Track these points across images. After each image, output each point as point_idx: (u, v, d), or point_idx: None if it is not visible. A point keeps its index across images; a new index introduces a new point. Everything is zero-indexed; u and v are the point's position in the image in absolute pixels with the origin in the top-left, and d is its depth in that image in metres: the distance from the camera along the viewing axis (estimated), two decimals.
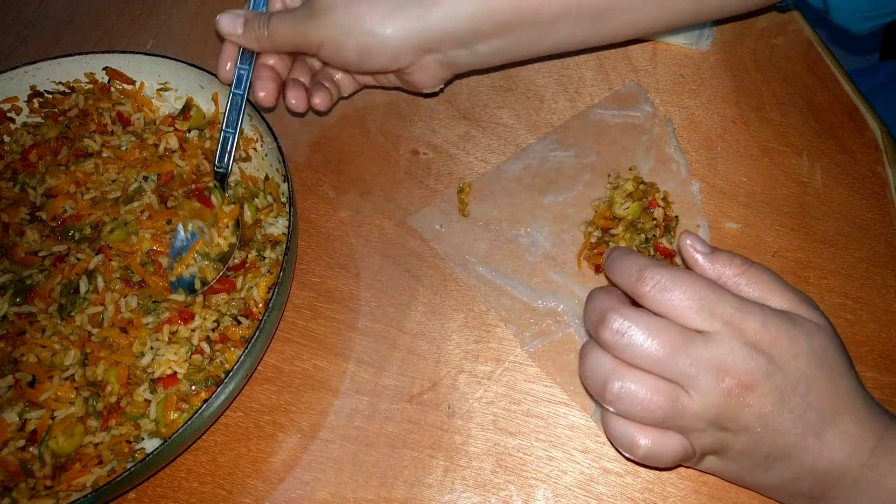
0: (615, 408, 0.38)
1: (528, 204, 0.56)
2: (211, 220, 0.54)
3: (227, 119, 0.54)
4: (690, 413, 0.37)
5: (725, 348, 0.36)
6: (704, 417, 0.37)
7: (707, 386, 0.36)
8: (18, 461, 0.46)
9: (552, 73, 0.64)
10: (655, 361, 0.37)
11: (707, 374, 0.36)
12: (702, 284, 0.37)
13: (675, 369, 0.37)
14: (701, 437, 0.38)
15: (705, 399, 0.37)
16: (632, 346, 0.37)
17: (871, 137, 0.56)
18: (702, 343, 0.36)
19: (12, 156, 0.59)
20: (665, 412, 0.37)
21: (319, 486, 0.47)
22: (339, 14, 0.50)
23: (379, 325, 0.53)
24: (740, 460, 0.39)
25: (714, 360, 0.36)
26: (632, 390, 0.37)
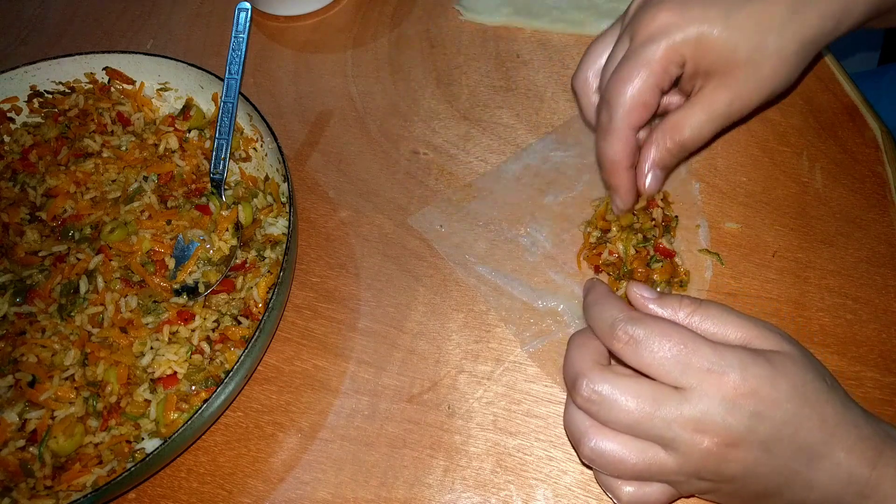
0: (592, 465, 0.39)
1: (528, 204, 0.56)
2: (210, 226, 0.54)
3: (219, 126, 0.55)
4: (668, 470, 0.37)
5: (703, 406, 0.35)
6: (684, 472, 0.37)
7: (685, 447, 0.36)
8: (18, 461, 0.46)
9: (552, 73, 0.64)
10: (628, 425, 0.36)
11: (684, 434, 0.35)
12: (676, 337, 0.36)
13: (650, 432, 0.36)
14: (684, 486, 0.38)
15: (685, 459, 0.36)
16: (604, 411, 0.37)
17: (871, 137, 0.56)
18: (677, 402, 0.35)
19: (12, 156, 0.59)
20: (640, 470, 0.37)
21: (319, 486, 0.47)
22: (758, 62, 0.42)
23: (379, 325, 0.53)
24: (729, 499, 0.39)
25: (691, 419, 0.35)
26: (605, 451, 0.37)
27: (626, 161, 0.45)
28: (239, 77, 0.55)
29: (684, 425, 0.35)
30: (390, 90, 0.65)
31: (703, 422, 0.35)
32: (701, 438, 0.35)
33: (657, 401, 0.36)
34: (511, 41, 0.67)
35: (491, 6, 0.68)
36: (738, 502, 0.40)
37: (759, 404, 0.36)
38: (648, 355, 0.36)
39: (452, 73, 0.66)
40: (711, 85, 0.43)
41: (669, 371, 0.36)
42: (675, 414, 0.35)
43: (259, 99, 0.66)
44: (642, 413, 0.36)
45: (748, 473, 0.37)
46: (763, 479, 0.37)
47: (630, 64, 0.42)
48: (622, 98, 0.42)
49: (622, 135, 0.43)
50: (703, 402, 0.35)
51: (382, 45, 0.69)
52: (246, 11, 0.57)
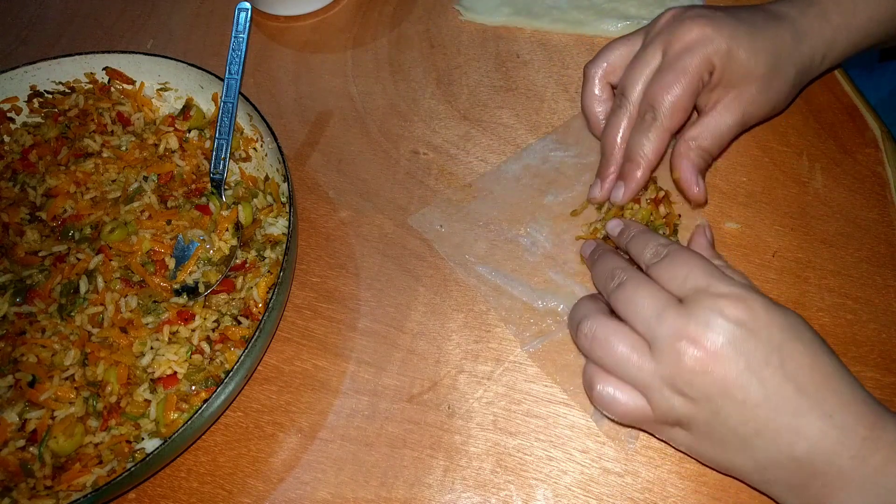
0: (582, 349, 0.43)
1: (528, 204, 0.56)
2: (210, 226, 0.54)
3: (219, 126, 0.55)
4: (647, 369, 0.39)
5: (693, 312, 0.38)
6: (660, 376, 0.38)
7: (666, 347, 0.38)
8: (18, 461, 0.46)
9: (552, 73, 0.64)
10: (631, 313, 0.40)
11: (668, 334, 0.38)
12: (681, 259, 0.41)
13: (641, 327, 0.39)
14: (661, 400, 0.39)
15: (664, 360, 0.38)
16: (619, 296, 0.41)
17: (871, 137, 0.56)
18: (672, 307, 0.39)
19: (12, 156, 0.59)
20: (621, 360, 0.40)
21: (319, 486, 0.47)
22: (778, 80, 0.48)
23: (379, 325, 0.53)
24: (709, 436, 0.38)
25: (678, 322, 0.38)
26: (597, 332, 0.41)
27: (655, 159, 0.49)
28: (239, 77, 0.55)
29: (671, 326, 0.38)
30: (390, 90, 0.65)
31: (687, 327, 0.37)
32: (683, 342, 0.37)
33: (660, 301, 0.39)
34: (511, 41, 0.67)
35: (491, 6, 0.68)
36: (717, 448, 0.39)
37: (750, 319, 0.37)
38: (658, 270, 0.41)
39: (452, 73, 0.66)
40: (730, 96, 0.49)
41: (672, 279, 0.40)
42: (668, 315, 0.38)
43: (259, 99, 0.66)
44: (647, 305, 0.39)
45: (727, 396, 0.36)
46: (742, 409, 0.36)
47: (671, 72, 0.47)
48: (666, 103, 0.47)
49: (663, 135, 0.48)
50: (694, 309, 0.38)
51: (382, 45, 0.69)
52: (246, 11, 0.57)
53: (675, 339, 0.37)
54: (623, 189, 0.51)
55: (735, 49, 0.47)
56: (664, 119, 0.47)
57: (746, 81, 0.48)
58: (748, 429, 0.36)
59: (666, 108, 0.47)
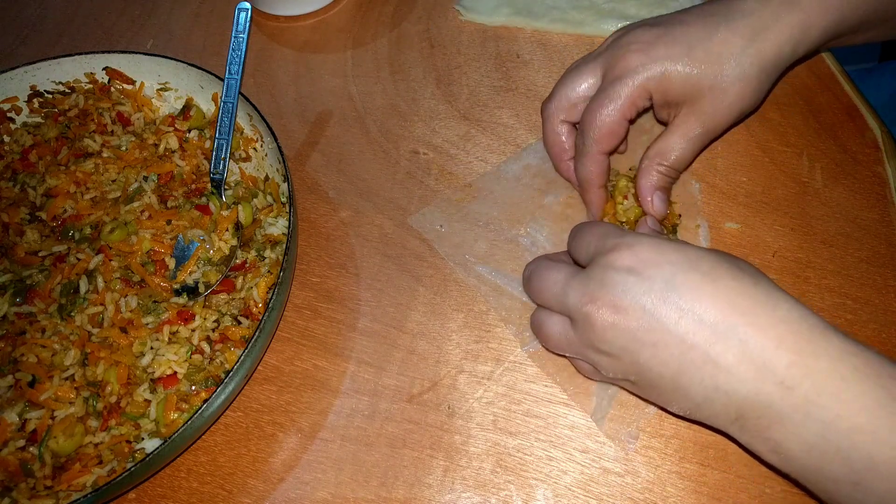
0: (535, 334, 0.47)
1: (528, 204, 0.56)
2: (210, 226, 0.54)
3: (219, 126, 0.55)
4: (574, 340, 0.41)
5: (590, 274, 0.40)
6: (584, 343, 0.40)
7: (577, 315, 0.40)
8: (18, 461, 0.46)
9: (552, 73, 0.64)
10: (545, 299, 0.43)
11: (577, 302, 0.40)
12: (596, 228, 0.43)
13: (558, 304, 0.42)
14: (595, 364, 0.41)
15: (580, 328, 0.40)
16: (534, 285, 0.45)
17: (871, 137, 0.56)
18: (576, 276, 0.41)
19: (12, 156, 0.59)
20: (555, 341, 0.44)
21: (319, 486, 0.47)
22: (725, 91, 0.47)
23: (379, 325, 0.53)
24: (644, 385, 0.39)
25: (580, 287, 0.40)
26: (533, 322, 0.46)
27: (598, 180, 0.51)
28: (239, 77, 0.55)
29: (575, 295, 0.40)
30: (390, 90, 0.65)
31: (588, 289, 0.39)
32: (585, 303, 0.39)
33: (562, 276, 0.42)
34: (511, 41, 0.67)
35: (491, 6, 0.68)
36: (656, 393, 0.40)
37: (637, 263, 0.38)
38: (570, 247, 0.45)
39: (452, 73, 0.66)
40: (683, 113, 0.49)
41: (579, 251, 0.43)
42: (571, 286, 0.40)
43: (259, 99, 0.66)
44: (551, 284, 0.42)
45: (639, 342, 0.37)
46: (657, 352, 0.36)
47: (602, 99, 0.48)
48: (594, 127, 0.49)
49: (595, 158, 0.50)
50: (591, 271, 0.40)
51: (382, 45, 0.69)
52: (246, 11, 0.57)
53: (582, 304, 0.39)
54: (592, 212, 0.53)
55: (670, 71, 0.46)
56: (593, 144, 0.49)
57: (696, 95, 0.47)
58: (669, 369, 0.36)
59: (595, 135, 0.49)
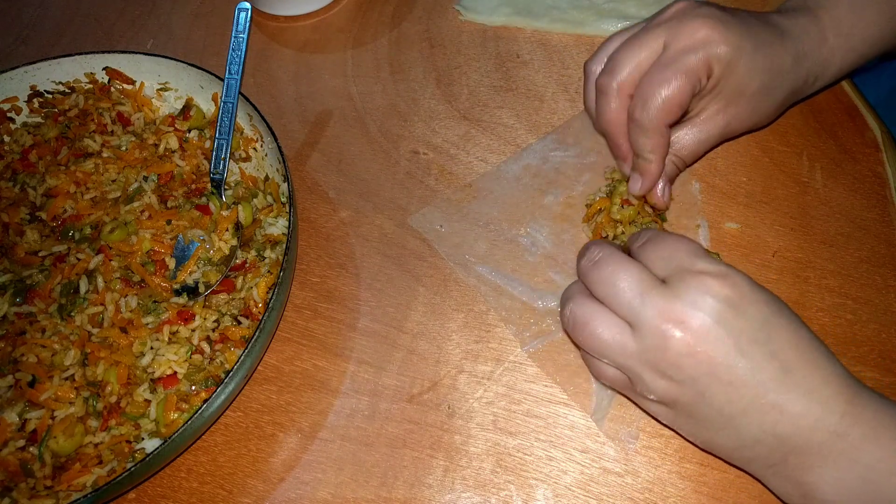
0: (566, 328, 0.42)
1: (528, 204, 0.56)
2: (210, 226, 0.54)
3: (219, 126, 0.55)
4: (629, 352, 0.38)
5: (677, 293, 0.36)
6: (643, 360, 0.37)
7: (649, 330, 0.37)
8: (18, 461, 0.46)
9: (552, 73, 0.64)
10: (609, 294, 0.39)
11: (653, 316, 0.36)
12: (671, 240, 0.40)
13: (625, 307, 0.38)
14: (643, 383, 0.38)
15: (647, 343, 0.37)
16: (595, 274, 0.40)
17: (871, 137, 0.56)
18: (656, 287, 0.37)
19: (12, 156, 0.59)
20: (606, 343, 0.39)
21: (319, 486, 0.47)
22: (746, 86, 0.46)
23: (379, 325, 0.53)
24: (691, 416, 0.38)
25: (663, 304, 0.36)
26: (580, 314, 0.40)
27: (661, 151, 0.48)
28: (239, 77, 0.55)
29: (655, 307, 0.37)
30: (390, 90, 0.65)
31: (673, 307, 0.36)
32: (668, 325, 0.36)
33: (642, 282, 0.38)
34: (511, 41, 0.67)
35: (491, 6, 0.68)
36: (699, 426, 0.38)
37: (736, 296, 0.36)
38: (644, 252, 0.40)
39: (452, 73, 0.66)
40: (715, 107, 0.48)
41: (656, 260, 0.39)
42: (651, 296, 0.37)
43: (259, 99, 0.66)
44: (627, 285, 0.38)
45: (714, 377, 0.36)
46: (728, 390, 0.36)
47: (670, 69, 0.45)
48: (661, 100, 0.45)
49: (661, 131, 0.46)
50: (679, 288, 0.37)
51: (382, 45, 0.69)
52: (246, 11, 0.57)
53: (661, 321, 0.36)
54: (640, 182, 0.50)
55: (736, 61, 0.45)
56: (656, 117, 0.45)
57: (737, 96, 0.47)
58: (733, 408, 0.36)
59: (659, 106, 0.45)
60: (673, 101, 0.45)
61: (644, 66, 0.46)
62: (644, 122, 0.46)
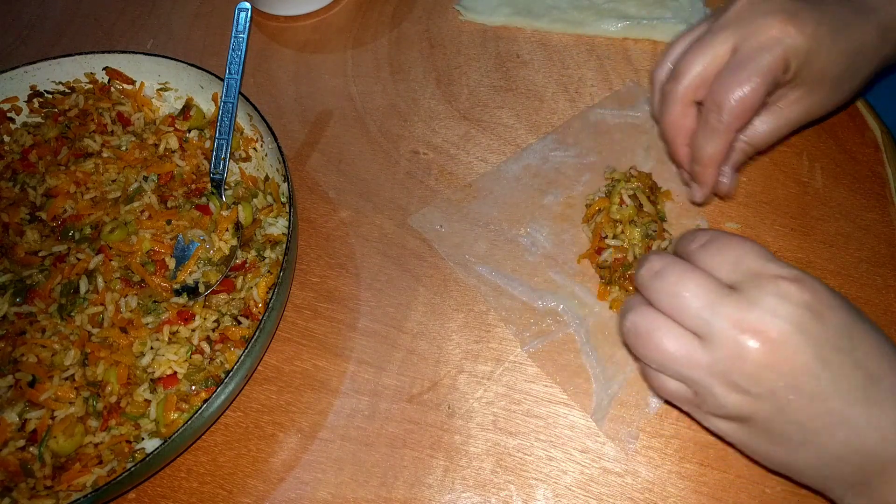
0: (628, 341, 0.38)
1: (528, 204, 0.56)
2: (210, 226, 0.54)
3: (219, 126, 0.55)
4: (699, 364, 0.35)
5: (751, 301, 0.33)
6: (714, 372, 0.34)
7: (722, 341, 0.34)
8: (18, 461, 0.46)
9: (552, 73, 0.64)
10: (675, 306, 0.35)
11: (726, 327, 0.33)
12: (743, 242, 0.36)
13: (693, 318, 0.35)
14: (712, 398, 0.35)
15: (719, 354, 0.34)
16: (657, 285, 0.36)
17: (871, 137, 0.56)
18: (726, 296, 0.34)
19: (12, 156, 0.59)
20: (672, 356, 0.36)
21: (319, 486, 0.47)
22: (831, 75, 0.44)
23: (379, 325, 0.53)
24: (767, 433, 0.35)
25: (736, 314, 0.33)
26: (643, 326, 0.36)
27: (722, 158, 0.46)
28: (239, 77, 0.55)
29: (728, 317, 0.34)
30: (390, 90, 0.65)
31: (749, 316, 0.33)
32: (744, 335, 0.33)
33: (710, 290, 0.35)
34: (511, 41, 0.67)
35: (491, 6, 0.68)
36: (776, 444, 0.35)
37: (815, 302, 0.33)
38: (705, 256, 0.37)
39: (452, 73, 0.66)
40: (796, 94, 0.45)
41: (721, 265, 0.36)
42: (723, 304, 0.34)
43: (259, 99, 0.66)
44: (694, 295, 0.35)
45: (795, 389, 0.33)
46: (811, 403, 0.33)
47: (743, 71, 0.43)
48: (733, 103, 0.43)
49: (729, 136, 0.45)
50: (753, 294, 0.34)
51: (382, 45, 0.69)
52: (246, 11, 0.57)
53: (736, 330, 0.33)
54: (698, 191, 0.49)
55: (815, 50, 0.42)
56: (731, 122, 0.43)
57: (818, 83, 0.44)
58: (816, 423, 0.33)
59: (734, 111, 0.43)
60: (748, 104, 0.43)
61: (711, 71, 0.44)
62: (718, 126, 0.44)
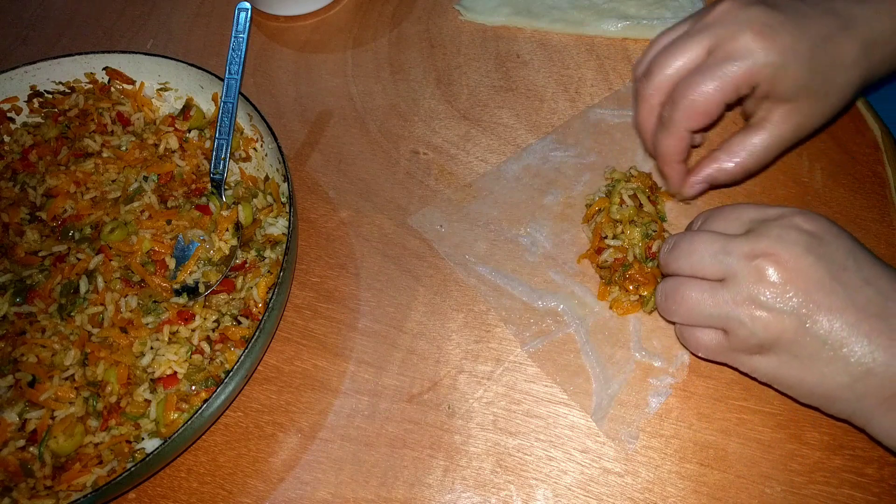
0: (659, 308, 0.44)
1: (528, 204, 0.56)
2: (210, 226, 0.54)
3: (219, 126, 0.55)
4: (724, 299, 0.39)
5: (759, 233, 0.39)
6: (739, 300, 0.38)
7: (738, 269, 0.38)
8: (18, 461, 0.46)
9: (552, 73, 0.64)
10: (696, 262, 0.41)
11: (738, 258, 0.38)
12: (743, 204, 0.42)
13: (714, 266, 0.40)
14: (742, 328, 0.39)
15: (742, 285, 0.38)
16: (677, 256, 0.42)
17: (871, 137, 0.56)
18: (736, 240, 0.39)
19: (12, 156, 0.59)
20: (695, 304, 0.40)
21: (319, 486, 0.47)
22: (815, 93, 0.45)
23: (379, 325, 0.53)
24: (797, 354, 0.38)
25: (748, 247, 0.38)
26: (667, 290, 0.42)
27: (677, 156, 0.48)
28: (239, 77, 0.55)
29: (741, 251, 0.39)
30: (390, 90, 0.65)
31: (760, 245, 0.38)
32: (759, 261, 0.38)
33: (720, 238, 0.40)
34: (511, 41, 0.67)
35: (491, 6, 0.68)
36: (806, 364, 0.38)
37: (819, 228, 0.38)
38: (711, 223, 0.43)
39: (452, 73, 0.66)
40: (781, 111, 0.46)
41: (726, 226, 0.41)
42: (735, 243, 0.39)
43: (259, 99, 0.66)
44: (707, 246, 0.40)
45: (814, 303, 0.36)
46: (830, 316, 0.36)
47: (704, 75, 0.44)
48: (688, 103, 0.45)
49: (679, 134, 0.47)
50: (762, 230, 0.39)
51: (382, 45, 0.69)
52: (246, 11, 0.57)
53: (751, 259, 0.38)
54: (668, 184, 0.51)
55: (790, 65, 0.43)
56: (683, 120, 0.45)
57: (802, 96, 0.45)
58: (838, 336, 0.36)
59: (686, 109, 0.45)
60: (701, 106, 0.44)
61: (682, 73, 0.46)
62: (667, 122, 0.46)
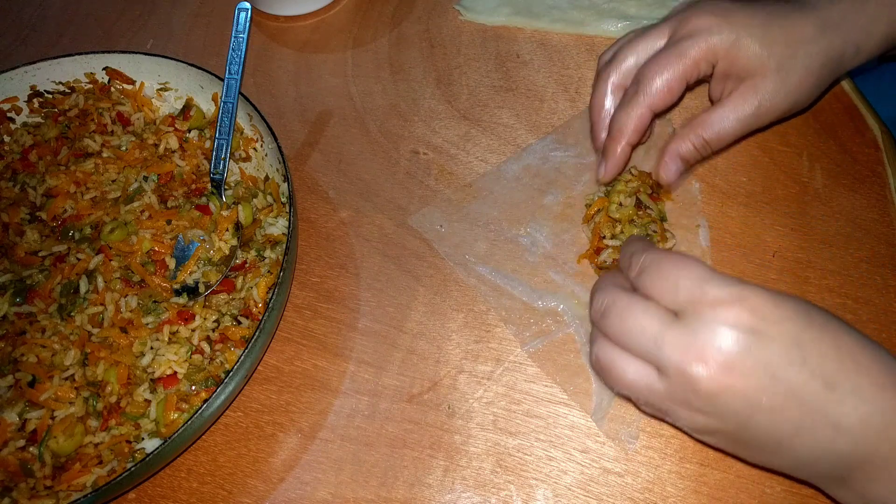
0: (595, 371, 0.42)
1: (528, 204, 0.56)
2: (210, 226, 0.55)
3: (219, 126, 0.55)
4: (659, 395, 0.36)
5: (694, 327, 0.34)
6: (674, 400, 0.35)
7: (673, 370, 0.34)
8: (18, 461, 0.46)
9: (552, 73, 0.64)
10: (625, 342, 0.37)
11: (674, 356, 0.34)
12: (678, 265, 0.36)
13: (643, 351, 0.36)
14: (681, 420, 0.37)
15: (673, 383, 0.35)
16: (607, 322, 0.38)
17: (871, 137, 0.56)
18: (669, 324, 0.35)
19: (12, 156, 0.59)
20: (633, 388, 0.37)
21: (319, 486, 0.47)
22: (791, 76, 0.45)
23: (379, 325, 0.53)
24: (739, 442, 0.36)
25: (681, 340, 0.34)
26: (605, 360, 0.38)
27: (632, 135, 0.48)
28: (239, 77, 0.55)
29: (673, 349, 0.34)
30: (390, 90, 0.65)
31: (693, 346, 0.34)
32: (691, 362, 0.34)
33: (652, 324, 0.35)
34: (511, 41, 0.67)
35: (491, 6, 0.68)
36: (753, 452, 0.36)
37: (757, 321, 0.33)
38: (644, 282, 0.37)
39: (452, 73, 0.66)
40: (742, 88, 0.46)
41: (663, 293, 0.36)
42: (667, 336, 0.35)
43: (259, 99, 0.66)
44: (639, 331, 0.36)
45: (754, 407, 0.33)
46: (772, 417, 0.33)
47: (666, 54, 0.46)
48: (651, 80, 0.46)
49: (640, 111, 0.47)
50: (694, 324, 0.34)
51: (382, 45, 0.69)
52: (246, 11, 0.57)
53: (682, 361, 0.34)
54: (604, 166, 0.50)
55: (744, 40, 0.45)
56: (647, 96, 0.46)
57: (760, 73, 0.46)
58: (782, 433, 0.34)
59: (651, 86, 0.46)
60: (664, 82, 0.46)
61: (643, 58, 0.48)
62: (629, 99, 0.47)
